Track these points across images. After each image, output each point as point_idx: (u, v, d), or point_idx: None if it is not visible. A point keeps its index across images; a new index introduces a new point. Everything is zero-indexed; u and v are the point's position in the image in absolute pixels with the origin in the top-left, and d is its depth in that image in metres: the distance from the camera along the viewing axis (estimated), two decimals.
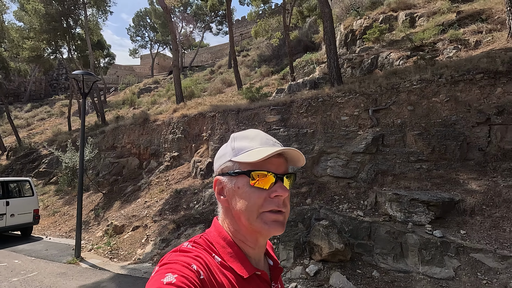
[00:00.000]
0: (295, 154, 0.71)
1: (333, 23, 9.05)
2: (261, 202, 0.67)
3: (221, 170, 0.73)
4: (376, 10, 16.40)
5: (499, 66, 5.60)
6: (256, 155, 0.67)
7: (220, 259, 0.69)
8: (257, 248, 0.73)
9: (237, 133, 0.76)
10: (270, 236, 0.73)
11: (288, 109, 8.02)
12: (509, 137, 5.33)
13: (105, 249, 6.56)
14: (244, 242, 0.72)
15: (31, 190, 8.88)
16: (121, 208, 9.09)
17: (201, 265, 0.63)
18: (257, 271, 0.70)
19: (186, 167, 9.84)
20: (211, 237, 0.73)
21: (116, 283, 4.44)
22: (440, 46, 9.60)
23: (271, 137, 0.75)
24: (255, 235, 0.71)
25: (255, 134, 0.74)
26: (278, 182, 0.69)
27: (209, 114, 9.96)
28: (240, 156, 0.69)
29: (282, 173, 0.70)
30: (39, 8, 17.45)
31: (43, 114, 33.83)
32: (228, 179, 0.71)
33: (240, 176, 0.69)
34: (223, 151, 0.75)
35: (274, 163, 0.69)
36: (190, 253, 0.66)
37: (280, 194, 0.68)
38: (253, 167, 0.68)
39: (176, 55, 13.02)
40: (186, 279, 0.57)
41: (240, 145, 0.72)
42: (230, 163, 0.71)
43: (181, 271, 0.59)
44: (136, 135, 12.71)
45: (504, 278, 3.37)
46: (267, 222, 0.67)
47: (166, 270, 0.59)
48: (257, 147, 0.70)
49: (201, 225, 6.26)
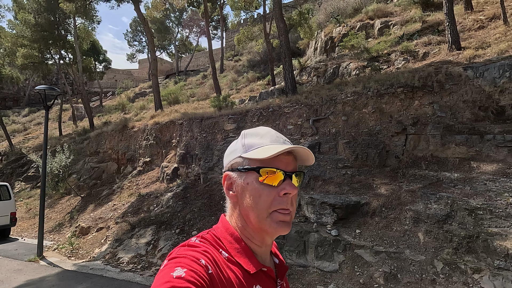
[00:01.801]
0: (305, 152, 0.72)
1: (288, 37, 9.65)
2: (271, 199, 0.68)
3: (231, 166, 0.74)
4: (355, 18, 16.91)
5: (416, 81, 6.17)
6: (266, 152, 0.68)
7: (227, 254, 0.69)
8: (264, 246, 0.74)
9: (248, 130, 0.78)
10: (277, 235, 0.73)
11: (244, 118, 8.63)
12: (421, 146, 5.89)
13: (68, 249, 7.18)
14: (250, 240, 0.72)
15: (9, 194, 9.54)
16: (93, 210, 9.72)
17: (209, 260, 0.64)
18: (263, 267, 0.71)
19: (156, 172, 10.47)
20: (218, 233, 0.73)
21: (59, 278, 5.07)
22: (393, 57, 10.18)
23: (281, 135, 0.76)
24: (261, 234, 0.72)
25: (265, 131, 0.75)
26: (287, 179, 0.69)
27: (178, 122, 10.59)
28: (250, 153, 0.70)
29: (291, 171, 0.70)
30: (29, 19, 18.22)
31: (40, 118, 34.62)
32: (237, 174, 0.72)
33: (250, 172, 0.70)
34: (233, 147, 0.76)
35: (283, 160, 0.70)
36: (198, 248, 0.67)
37: (289, 191, 0.68)
38: (263, 164, 0.68)
39: (154, 64, 13.69)
40: (195, 273, 0.58)
41: (250, 141, 0.73)
42: (240, 159, 0.72)
43: (190, 265, 0.60)
44: (116, 141, 13.36)
45: (372, 270, 3.93)
46: (276, 222, 0.68)
47: (176, 264, 0.60)
48: (267, 144, 0.71)
49: (152, 226, 6.87)
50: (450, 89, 6.02)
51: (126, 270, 5.37)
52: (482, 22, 10.28)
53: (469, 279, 3.36)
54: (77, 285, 4.66)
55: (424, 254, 3.88)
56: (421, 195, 4.78)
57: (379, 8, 16.19)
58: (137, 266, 5.53)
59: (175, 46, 46.80)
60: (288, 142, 0.74)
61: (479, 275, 3.34)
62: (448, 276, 3.48)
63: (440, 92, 6.08)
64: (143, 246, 6.25)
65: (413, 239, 4.23)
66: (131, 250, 6.22)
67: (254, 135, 0.74)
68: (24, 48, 20.07)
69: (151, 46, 13.63)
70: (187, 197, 7.93)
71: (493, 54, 7.30)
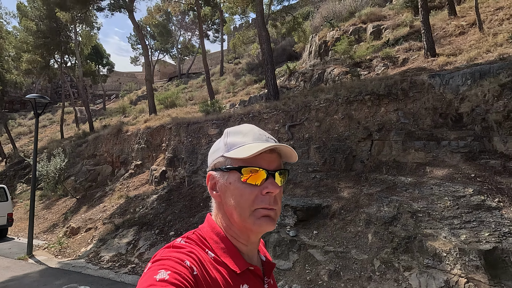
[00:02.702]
0: (287, 150, 0.71)
1: (270, 44, 9.99)
2: (253, 198, 0.67)
3: (214, 165, 0.73)
4: (349, 21, 17.12)
5: (381, 89, 6.46)
6: (247, 151, 0.66)
7: (214, 254, 0.69)
8: (250, 244, 0.73)
9: (231, 128, 0.76)
10: (262, 233, 0.73)
11: (226, 123, 8.98)
12: (385, 151, 6.17)
13: (56, 248, 7.62)
14: (236, 239, 0.72)
15: (6, 196, 10.05)
16: (86, 212, 10.17)
17: (194, 261, 0.63)
18: (250, 266, 0.71)
19: (146, 174, 10.89)
20: (204, 233, 0.73)
21: (41, 274, 5.49)
22: (374, 63, 10.44)
23: (264, 132, 0.75)
24: (246, 233, 0.71)
25: (248, 129, 0.74)
26: (270, 178, 0.68)
27: (167, 127, 11.00)
28: (232, 152, 0.69)
29: (274, 169, 0.69)
30: (31, 26, 18.90)
31: (45, 121, 35.46)
32: (220, 174, 0.71)
33: (232, 172, 0.68)
34: (216, 146, 0.75)
35: (266, 159, 0.69)
36: (183, 249, 0.66)
37: (271, 190, 0.67)
38: (244, 163, 0.67)
39: (148, 70, 14.16)
40: (179, 276, 0.57)
41: (232, 140, 0.71)
42: (222, 159, 0.71)
43: (174, 268, 0.59)
44: (111, 144, 13.84)
45: (320, 268, 4.24)
46: (258, 218, 0.68)
47: (159, 266, 0.59)
48: (249, 142, 0.70)
49: (135, 227, 7.26)
50: (413, 96, 6.29)
51: (104, 268, 5.77)
52: (463, 28, 10.49)
53: (400, 276, 3.65)
54: (55, 281, 5.07)
55: (368, 254, 4.18)
56: (376, 198, 5.07)
57: (373, 12, 16.37)
58: (115, 264, 5.92)
59: (177, 49, 47.40)
60: (272, 140, 0.73)
61: (409, 273, 3.63)
62: (382, 274, 3.77)
63: (405, 99, 6.36)
64: (124, 246, 6.64)
65: (363, 240, 4.53)
66: (113, 249, 6.62)
67: (237, 133, 0.73)
68: (28, 54, 20.79)
69: (144, 52, 14.11)
70: (170, 199, 8.31)
71: (462, 62, 7.55)
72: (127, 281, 4.95)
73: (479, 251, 3.30)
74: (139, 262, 5.86)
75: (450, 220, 3.90)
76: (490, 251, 3.29)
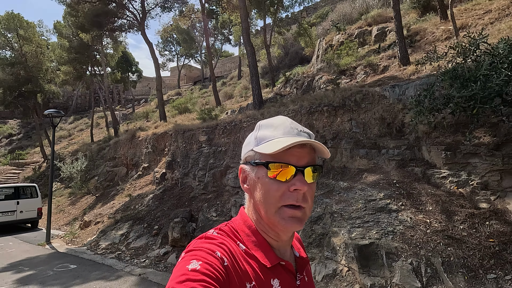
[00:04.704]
0: (318, 146, 0.69)
1: (255, 58, 10.82)
2: (279, 195, 0.66)
3: (245, 159, 0.73)
4: (355, 24, 17.36)
5: (336, 102, 7.08)
6: (275, 145, 0.65)
7: (245, 247, 0.69)
8: (280, 241, 0.72)
9: (263, 120, 0.75)
10: (289, 232, 0.71)
11: (214, 131, 10.01)
12: (337, 158, 6.79)
13: (70, 237, 9.13)
14: (266, 233, 0.71)
15: (36, 193, 11.93)
16: (99, 208, 11.75)
17: (225, 252, 0.64)
18: (281, 261, 0.70)
19: (150, 176, 12.25)
20: (236, 225, 0.74)
21: (48, 256, 6.89)
22: (358, 70, 10.86)
23: (297, 125, 0.73)
24: (275, 229, 0.70)
25: (280, 122, 0.72)
26: (298, 175, 0.66)
27: (169, 133, 12.29)
28: (261, 146, 0.68)
29: (303, 165, 0.67)
30: (64, 43, 21.43)
31: (82, 125, 39.15)
32: (250, 168, 0.71)
33: (260, 167, 0.68)
34: (249, 139, 0.75)
35: (296, 154, 0.67)
36: (215, 240, 0.67)
37: (299, 187, 0.65)
38: (272, 158, 0.66)
39: (159, 81, 15.65)
40: (210, 266, 0.59)
41: (262, 134, 0.71)
42: (252, 153, 0.71)
43: (206, 258, 0.60)
44: (126, 148, 15.51)
45: None
46: (284, 218, 0.66)
47: (191, 257, 0.61)
48: (278, 137, 0.68)
49: (130, 222, 8.52)
50: (365, 107, 6.84)
51: (98, 254, 7.05)
52: (450, 33, 10.59)
53: None
54: (55, 261, 6.41)
55: None
56: (316, 200, 5.77)
57: (380, 14, 16.43)
58: (107, 251, 7.18)
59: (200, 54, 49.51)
60: (305, 133, 0.70)
61: (311, 263, 4.34)
62: None
63: (358, 110, 6.92)
64: (118, 237, 7.91)
65: None
66: (109, 239, 7.92)
67: (268, 127, 0.72)
68: (64, 66, 23.53)
69: (155, 64, 15.62)
70: (163, 198, 9.50)
71: (426, 71, 7.86)
72: (108, 263, 6.13)
73: (356, 245, 3.95)
74: (125, 250, 7.07)
75: (354, 220, 4.55)
76: (366, 246, 3.92)
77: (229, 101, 23.63)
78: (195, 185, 9.32)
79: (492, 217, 3.96)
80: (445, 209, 4.31)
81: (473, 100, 3.52)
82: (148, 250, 6.65)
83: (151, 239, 7.20)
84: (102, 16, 13.04)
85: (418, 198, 4.69)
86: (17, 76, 22.49)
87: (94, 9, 13.18)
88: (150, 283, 4.76)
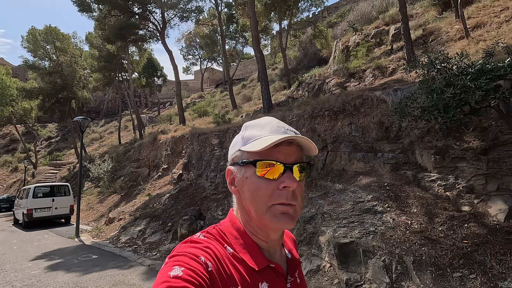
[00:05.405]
0: (306, 142, 0.69)
1: (264, 64, 11.24)
2: (269, 193, 0.65)
3: (232, 160, 0.72)
4: (372, 24, 17.27)
5: (336, 106, 7.32)
6: (262, 143, 0.64)
7: (232, 250, 0.68)
8: (270, 241, 0.72)
9: (250, 121, 0.75)
10: (280, 230, 0.72)
11: (225, 135, 10.55)
12: (337, 161, 7.04)
13: (96, 232, 10.08)
14: (255, 235, 0.70)
15: (69, 191, 13.17)
16: (123, 206, 12.74)
17: (210, 256, 0.63)
18: (270, 264, 0.69)
19: (169, 177, 13.06)
20: (224, 228, 0.73)
21: (75, 248, 7.76)
22: (367, 73, 10.92)
23: (284, 124, 0.72)
24: (265, 229, 0.69)
25: (266, 122, 0.72)
26: (287, 172, 0.66)
27: (186, 136, 13.04)
28: (248, 145, 0.68)
29: (292, 163, 0.67)
30: (94, 53, 23.15)
31: (112, 128, 41.64)
32: (237, 169, 0.70)
33: (248, 166, 0.67)
34: (235, 140, 0.74)
35: (284, 151, 0.66)
36: (200, 244, 0.66)
37: (288, 185, 0.65)
38: (260, 156, 0.66)
39: (178, 87, 16.54)
40: (192, 272, 0.58)
41: (249, 133, 0.70)
42: (239, 153, 0.70)
43: (188, 264, 0.59)
44: (148, 150, 16.55)
45: None
46: (276, 215, 0.65)
47: (174, 262, 0.60)
48: (265, 135, 0.67)
49: (147, 219, 9.27)
50: (365, 112, 7.03)
51: (117, 247, 7.82)
52: (463, 32, 10.38)
53: None
54: (80, 252, 7.24)
55: None
56: (312, 201, 6.09)
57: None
58: (126, 244, 7.94)
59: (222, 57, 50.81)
60: (291, 131, 0.70)
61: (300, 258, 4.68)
62: None
63: (358, 114, 7.13)
64: (136, 232, 8.67)
65: None
66: (128, 235, 8.70)
67: (255, 127, 0.71)
68: (94, 74, 25.41)
69: (175, 71, 16.51)
70: (178, 197, 10.20)
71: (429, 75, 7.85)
72: (124, 255, 6.84)
73: (337, 243, 4.24)
74: (141, 244, 7.78)
75: (341, 220, 4.83)
76: (346, 244, 4.20)
77: (247, 103, 24.19)
78: (207, 185, 9.91)
79: (471, 220, 4.10)
80: (429, 211, 4.49)
81: (436, 109, 3.71)
82: (160, 245, 7.30)
83: (164, 235, 7.85)
84: (125, 29, 14.12)
85: (405, 200, 4.88)
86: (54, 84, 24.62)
87: (118, 22, 14.30)
88: (155, 273, 5.35)
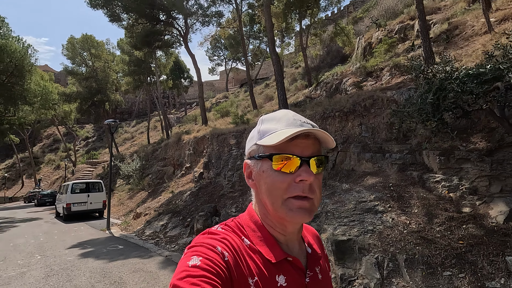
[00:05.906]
0: (322, 135, 0.68)
1: (279, 66, 11.45)
2: (285, 187, 0.65)
3: (249, 154, 0.73)
4: (397, 19, 16.88)
5: (347, 107, 7.41)
6: (278, 137, 0.64)
7: (249, 242, 0.69)
8: (287, 234, 0.72)
9: (266, 115, 0.74)
10: (297, 224, 0.72)
11: (242, 135, 10.96)
12: (347, 161, 7.15)
13: (124, 226, 10.96)
14: (273, 228, 0.71)
15: (102, 188, 14.33)
16: (149, 202, 13.63)
17: (227, 247, 0.64)
18: (288, 257, 0.69)
19: (191, 175, 13.75)
20: (242, 220, 0.74)
21: (105, 239, 8.57)
22: (384, 72, 10.76)
23: (300, 117, 0.72)
24: (282, 222, 0.70)
25: (282, 114, 0.72)
26: (304, 165, 0.65)
27: (206, 136, 13.64)
28: (264, 139, 0.68)
29: (308, 156, 0.66)
30: (125, 58, 24.66)
31: (143, 128, 43.86)
32: (254, 162, 0.71)
33: (265, 160, 0.68)
34: (252, 134, 0.74)
35: (300, 145, 0.66)
36: (217, 235, 0.67)
37: (305, 178, 0.64)
38: (276, 150, 0.66)
39: (201, 89, 17.25)
40: (210, 261, 0.59)
41: (265, 127, 0.70)
42: (256, 147, 0.71)
43: (206, 254, 0.61)
44: (173, 150, 17.44)
45: None
46: (292, 209, 0.65)
47: (192, 253, 0.62)
48: (281, 128, 0.67)
49: (169, 214, 9.94)
50: (375, 112, 7.07)
51: (142, 239, 8.52)
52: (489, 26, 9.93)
53: None
54: (109, 242, 8.02)
55: None
56: None
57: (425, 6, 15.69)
58: (149, 237, 8.62)
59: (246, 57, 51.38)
60: (308, 124, 0.69)
61: None
62: None
63: (368, 115, 7.18)
64: (159, 227, 9.35)
65: None
66: (152, 228, 9.41)
67: (271, 120, 0.71)
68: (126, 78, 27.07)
69: (197, 74, 17.22)
70: (198, 195, 10.78)
71: None
72: (146, 247, 7.48)
73: (334, 241, 4.44)
74: (162, 237, 8.41)
75: (342, 219, 5.01)
76: (343, 241, 4.38)
77: (269, 103, 24.48)
78: (225, 184, 10.38)
79: (470, 221, 4.12)
80: (429, 212, 4.55)
81: (424, 112, 3.77)
82: (179, 238, 7.87)
83: (183, 229, 8.42)
84: (150, 35, 15.03)
85: (407, 201, 4.96)
86: (90, 88, 26.59)
87: (144, 30, 15.24)
88: (172, 263, 5.86)
